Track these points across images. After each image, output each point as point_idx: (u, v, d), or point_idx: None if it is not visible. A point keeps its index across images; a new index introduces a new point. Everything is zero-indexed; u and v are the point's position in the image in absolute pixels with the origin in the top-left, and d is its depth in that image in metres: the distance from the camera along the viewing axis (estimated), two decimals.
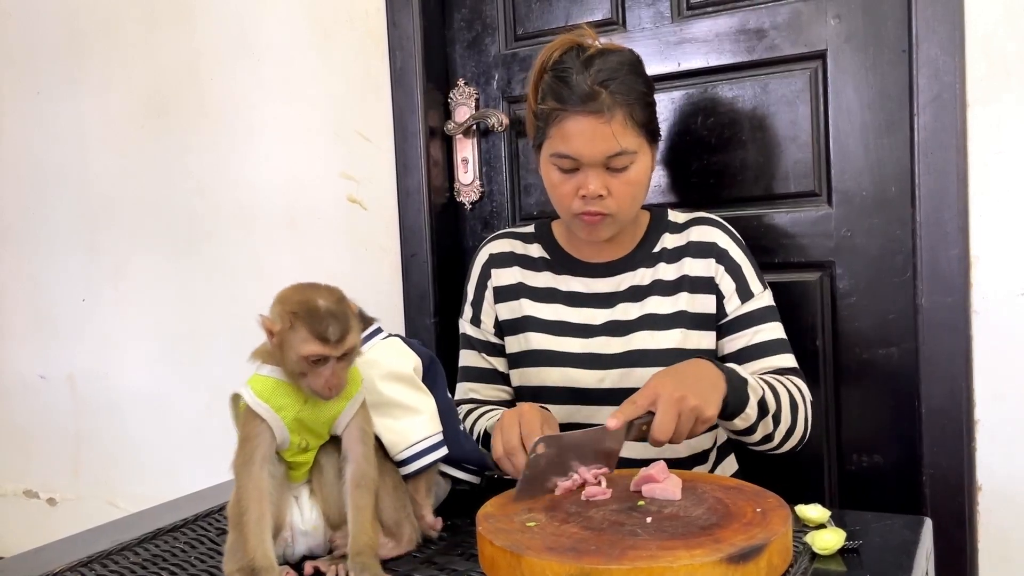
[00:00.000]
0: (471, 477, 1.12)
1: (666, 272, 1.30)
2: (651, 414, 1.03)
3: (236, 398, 0.96)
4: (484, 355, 1.38)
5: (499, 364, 1.37)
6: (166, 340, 2.16)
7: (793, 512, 0.94)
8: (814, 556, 0.90)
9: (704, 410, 1.03)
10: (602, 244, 1.32)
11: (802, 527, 0.96)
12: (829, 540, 0.89)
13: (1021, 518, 1.33)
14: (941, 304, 1.35)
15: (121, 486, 2.26)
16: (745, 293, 1.28)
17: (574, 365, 1.28)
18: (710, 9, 1.54)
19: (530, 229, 1.41)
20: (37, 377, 2.37)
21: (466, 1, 1.78)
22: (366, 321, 1.09)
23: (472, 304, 1.40)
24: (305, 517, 0.97)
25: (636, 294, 1.30)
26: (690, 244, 1.30)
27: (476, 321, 1.39)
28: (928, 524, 0.98)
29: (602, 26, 1.63)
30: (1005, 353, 1.33)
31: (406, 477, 1.01)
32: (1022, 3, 1.29)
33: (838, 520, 0.97)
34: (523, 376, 1.34)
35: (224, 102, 2.01)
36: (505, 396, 1.38)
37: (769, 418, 1.15)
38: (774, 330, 1.28)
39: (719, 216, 1.35)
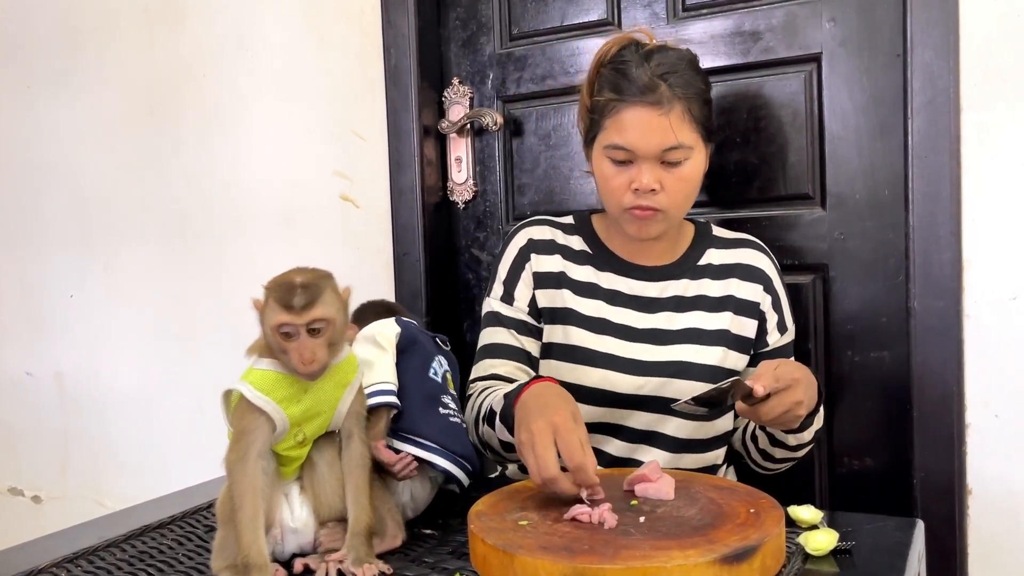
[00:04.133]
0: (440, 461, 1.02)
1: (711, 288, 1.29)
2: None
3: (228, 394, 0.95)
4: (514, 332, 1.32)
5: (528, 344, 1.32)
6: (156, 338, 2.14)
7: (786, 513, 0.94)
8: (807, 557, 0.90)
9: (792, 424, 1.08)
10: (646, 247, 1.30)
11: (795, 528, 0.95)
12: (822, 541, 0.89)
13: (1011, 522, 1.34)
14: (933, 308, 1.36)
15: (108, 485, 2.25)
16: (782, 327, 1.31)
17: (615, 368, 1.25)
18: (705, 11, 1.54)
19: (569, 220, 1.38)
20: (24, 374, 2.35)
21: (461, 0, 1.78)
22: (393, 312, 1.15)
23: (504, 283, 1.34)
24: (295, 515, 0.96)
25: (680, 304, 1.29)
26: (738, 266, 1.31)
27: (508, 299, 1.33)
28: (920, 526, 0.98)
29: (597, 27, 1.63)
30: (997, 357, 1.33)
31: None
32: (1017, 9, 1.30)
33: (831, 521, 0.97)
34: (554, 370, 1.28)
35: (218, 100, 2.00)
36: (526, 376, 1.30)
37: (804, 449, 1.23)
38: None
39: (719, 219, 1.36)
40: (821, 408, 1.19)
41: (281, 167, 1.94)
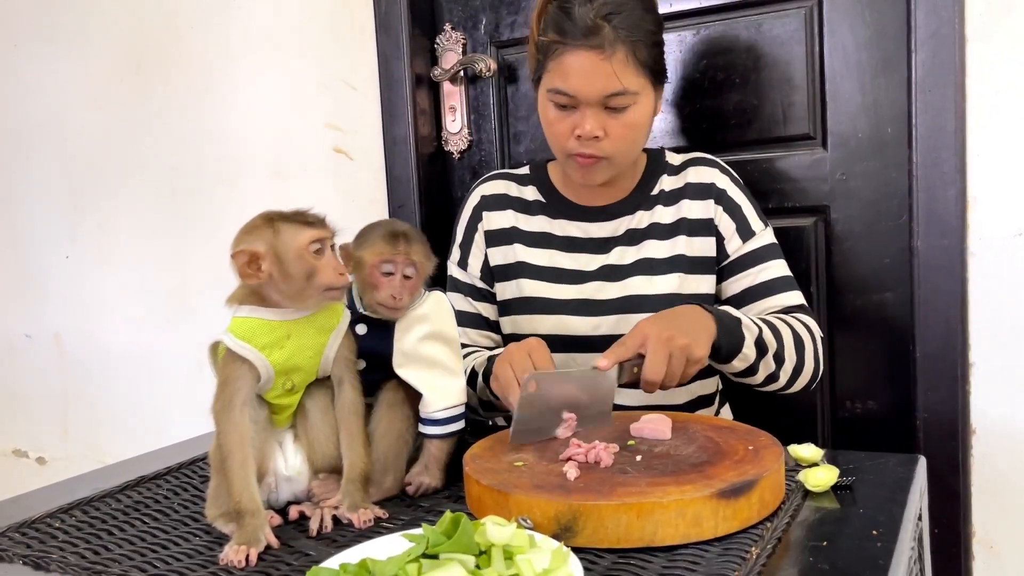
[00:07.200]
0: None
1: (663, 215, 1.26)
2: (641, 357, 1.01)
3: (215, 347, 0.94)
4: (470, 299, 1.34)
5: (484, 309, 1.34)
6: (153, 297, 2.13)
7: (786, 452, 0.92)
8: (807, 493, 0.88)
9: (694, 350, 1.01)
10: (599, 187, 1.27)
11: (795, 466, 0.94)
12: (822, 477, 0.88)
13: (1014, 461, 1.32)
14: (937, 246, 1.33)
15: (111, 445, 2.25)
16: (746, 232, 1.25)
17: (568, 312, 1.25)
18: None
19: (525, 171, 1.37)
20: (23, 336, 2.34)
21: None
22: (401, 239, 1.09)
23: (460, 246, 1.36)
24: (289, 463, 0.95)
25: (633, 238, 1.26)
26: (688, 186, 1.27)
27: (463, 264, 1.35)
28: (922, 462, 0.96)
29: None
30: (1001, 295, 1.31)
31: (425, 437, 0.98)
32: None
33: (831, 460, 0.96)
34: (515, 324, 1.30)
35: (205, 53, 1.96)
36: (489, 342, 1.34)
37: (770, 357, 1.12)
38: (778, 268, 1.24)
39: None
40: (745, 333, 1.09)
41: (271, 120, 1.90)
